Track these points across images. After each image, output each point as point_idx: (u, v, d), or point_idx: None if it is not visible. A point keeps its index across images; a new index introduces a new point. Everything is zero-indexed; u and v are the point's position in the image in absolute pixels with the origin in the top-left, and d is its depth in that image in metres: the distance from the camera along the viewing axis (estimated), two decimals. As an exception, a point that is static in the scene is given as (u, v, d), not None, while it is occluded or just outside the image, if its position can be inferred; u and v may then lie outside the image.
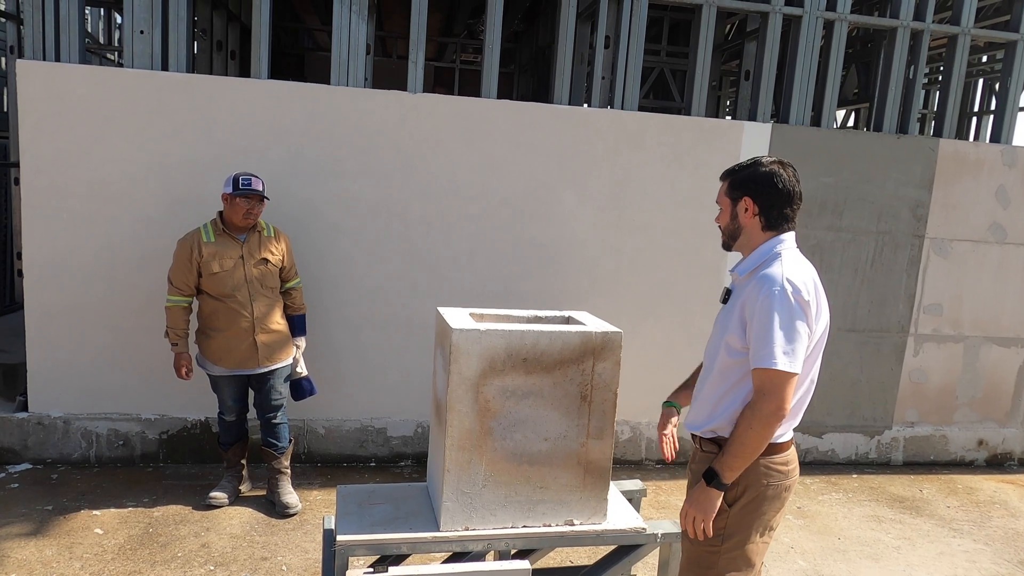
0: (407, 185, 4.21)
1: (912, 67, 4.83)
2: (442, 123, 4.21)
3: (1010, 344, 5.16)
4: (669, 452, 2.41)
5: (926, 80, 8.49)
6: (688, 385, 2.50)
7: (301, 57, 7.85)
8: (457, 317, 2.72)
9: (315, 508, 3.87)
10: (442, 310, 2.85)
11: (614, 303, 4.49)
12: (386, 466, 4.47)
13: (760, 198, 2.06)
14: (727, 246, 2.19)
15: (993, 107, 8.03)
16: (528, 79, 7.33)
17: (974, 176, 4.89)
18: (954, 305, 5.03)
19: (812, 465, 4.98)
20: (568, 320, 2.96)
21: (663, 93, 6.77)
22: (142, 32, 3.98)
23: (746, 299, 2.00)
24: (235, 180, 3.52)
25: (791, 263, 2.01)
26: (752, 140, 4.56)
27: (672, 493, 4.35)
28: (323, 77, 4.29)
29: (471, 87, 8.32)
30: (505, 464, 2.64)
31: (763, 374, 1.92)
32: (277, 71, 4.21)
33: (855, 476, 4.87)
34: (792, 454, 2.15)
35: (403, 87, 4.22)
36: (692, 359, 2.57)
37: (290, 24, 8.30)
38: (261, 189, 3.58)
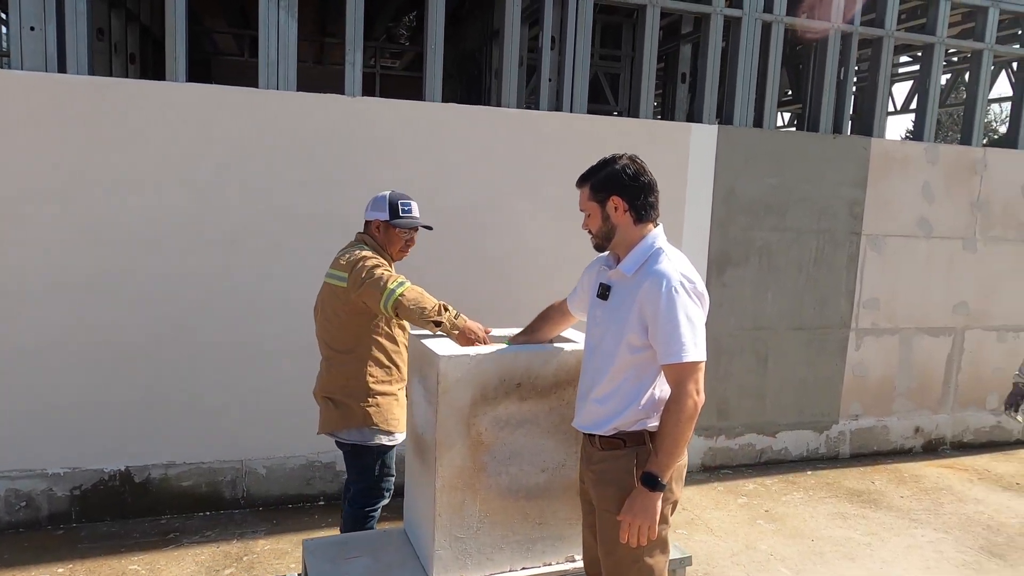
0: (352, 196, 3.85)
1: (843, 69, 4.95)
2: (387, 129, 3.91)
3: (939, 334, 5.38)
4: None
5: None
6: (525, 333, 2.56)
7: (207, 62, 7.28)
8: (439, 343, 2.45)
9: (263, 561, 3.46)
10: (420, 335, 2.57)
11: (572, 314, 4.31)
12: (336, 503, 4.09)
13: (627, 193, 2.10)
14: (601, 248, 2.20)
15: (914, 106, 8.49)
16: (454, 85, 7.09)
17: (902, 174, 5.06)
18: (889, 299, 5.18)
19: (768, 465, 4.99)
20: (552, 337, 2.74)
21: (596, 96, 6.69)
22: (32, 29, 3.46)
23: (644, 298, 2.01)
24: (393, 205, 2.89)
25: (677, 258, 2.09)
26: (699, 142, 4.51)
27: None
28: (233, 83, 3.85)
29: (392, 93, 7.98)
30: (501, 502, 2.40)
31: (679, 368, 1.96)
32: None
33: (810, 473, 4.91)
34: None
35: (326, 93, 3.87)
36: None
37: (192, 26, 7.69)
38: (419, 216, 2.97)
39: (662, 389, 2.07)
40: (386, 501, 2.97)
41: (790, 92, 7.89)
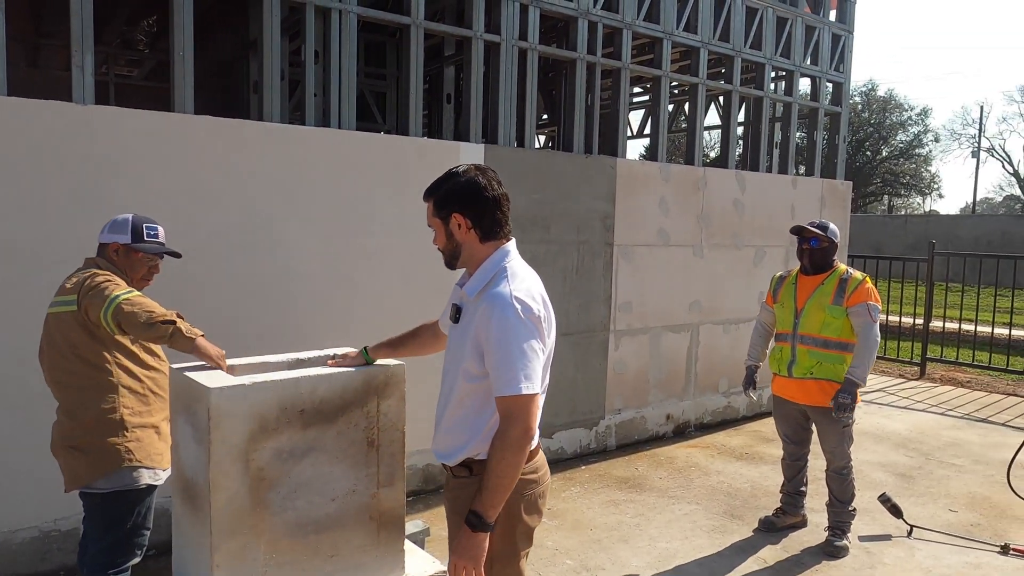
0: (81, 219, 3.35)
1: (590, 95, 5.44)
2: (127, 142, 3.48)
3: (680, 330, 6.12)
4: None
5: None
6: (389, 345, 2.48)
7: None
8: (208, 375, 2.22)
9: (-14, 659, 2.85)
10: (184, 369, 2.31)
11: (350, 337, 4.16)
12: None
13: (469, 210, 1.99)
14: (451, 266, 2.10)
15: (647, 131, 9.56)
16: (205, 97, 6.53)
17: (644, 190, 5.70)
18: (640, 302, 5.78)
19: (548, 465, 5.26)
20: (334, 359, 2.63)
21: (363, 114, 6.61)
22: None
23: (479, 324, 1.92)
24: (136, 228, 2.61)
25: (521, 278, 1.98)
26: (468, 159, 4.65)
27: (432, 523, 4.20)
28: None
29: (130, 104, 7.15)
30: (288, 540, 2.23)
31: (508, 401, 1.87)
32: None
33: (583, 467, 5.28)
34: (540, 460, 2.14)
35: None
36: (437, 386, 2.27)
37: None
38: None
39: None
40: (137, 560, 2.61)
41: (546, 116, 8.51)
